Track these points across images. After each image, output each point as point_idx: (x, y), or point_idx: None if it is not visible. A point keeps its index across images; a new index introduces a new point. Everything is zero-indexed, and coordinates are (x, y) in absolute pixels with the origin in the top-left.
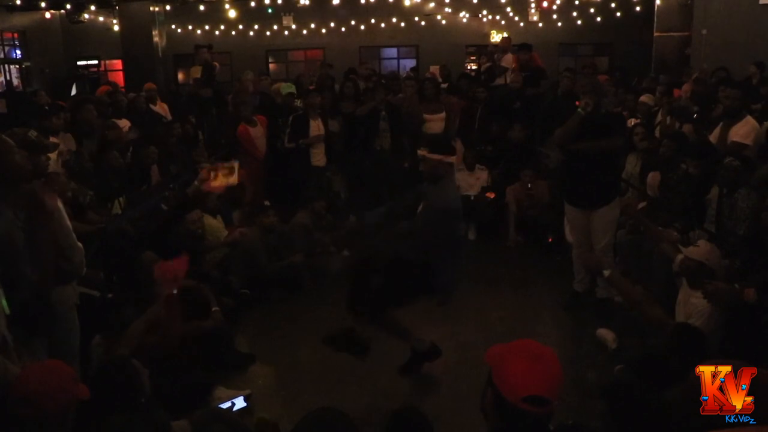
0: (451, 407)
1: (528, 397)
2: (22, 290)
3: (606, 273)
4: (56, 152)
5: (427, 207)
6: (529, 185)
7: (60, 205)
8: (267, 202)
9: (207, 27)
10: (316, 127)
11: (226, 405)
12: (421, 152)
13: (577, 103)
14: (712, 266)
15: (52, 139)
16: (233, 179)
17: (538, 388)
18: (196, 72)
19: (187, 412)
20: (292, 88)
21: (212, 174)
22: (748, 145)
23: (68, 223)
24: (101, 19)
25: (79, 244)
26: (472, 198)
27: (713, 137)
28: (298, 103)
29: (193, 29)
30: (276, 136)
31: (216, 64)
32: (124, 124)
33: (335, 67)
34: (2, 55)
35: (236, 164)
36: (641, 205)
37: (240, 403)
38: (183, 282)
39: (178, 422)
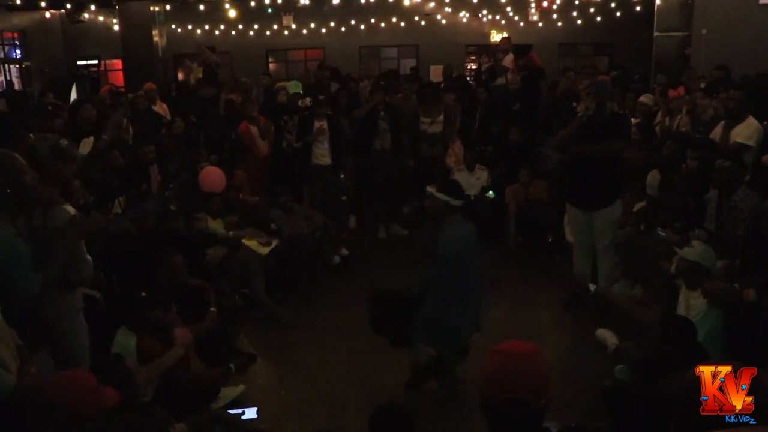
0: (452, 408)
1: (503, 398)
2: (18, 303)
3: (592, 287)
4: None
5: (435, 257)
6: (528, 186)
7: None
8: (274, 242)
9: (207, 27)
10: (319, 126)
11: (234, 413)
12: (430, 189)
13: (575, 104)
14: (707, 266)
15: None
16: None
17: (513, 389)
18: (198, 73)
19: (191, 413)
20: (299, 88)
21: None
22: (751, 146)
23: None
24: (101, 18)
25: (89, 258)
26: (472, 198)
27: (714, 137)
28: (301, 103)
29: (193, 29)
30: (282, 136)
31: (212, 61)
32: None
33: (335, 65)
34: (2, 55)
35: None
36: (641, 205)
37: (251, 413)
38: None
39: (178, 425)
